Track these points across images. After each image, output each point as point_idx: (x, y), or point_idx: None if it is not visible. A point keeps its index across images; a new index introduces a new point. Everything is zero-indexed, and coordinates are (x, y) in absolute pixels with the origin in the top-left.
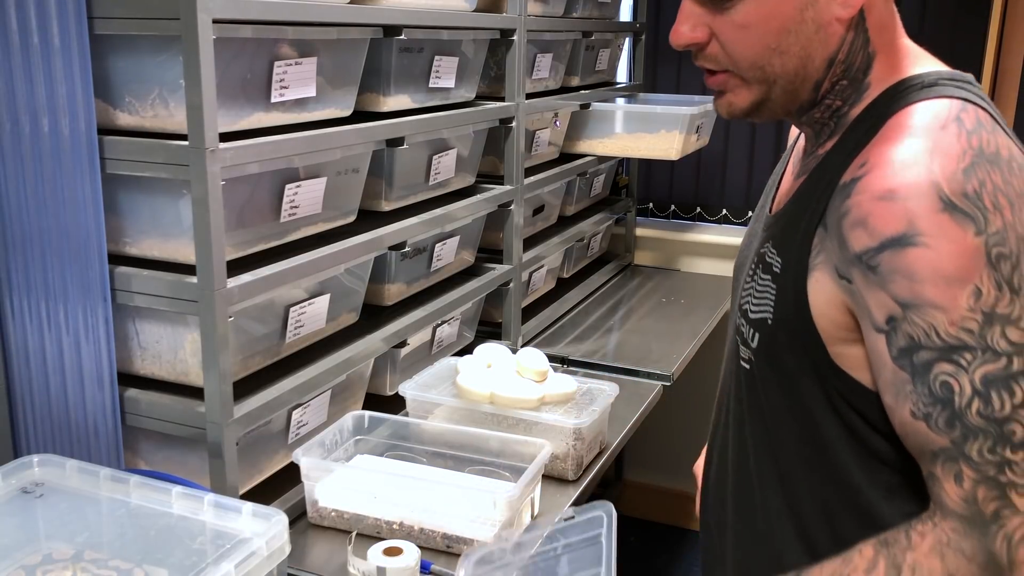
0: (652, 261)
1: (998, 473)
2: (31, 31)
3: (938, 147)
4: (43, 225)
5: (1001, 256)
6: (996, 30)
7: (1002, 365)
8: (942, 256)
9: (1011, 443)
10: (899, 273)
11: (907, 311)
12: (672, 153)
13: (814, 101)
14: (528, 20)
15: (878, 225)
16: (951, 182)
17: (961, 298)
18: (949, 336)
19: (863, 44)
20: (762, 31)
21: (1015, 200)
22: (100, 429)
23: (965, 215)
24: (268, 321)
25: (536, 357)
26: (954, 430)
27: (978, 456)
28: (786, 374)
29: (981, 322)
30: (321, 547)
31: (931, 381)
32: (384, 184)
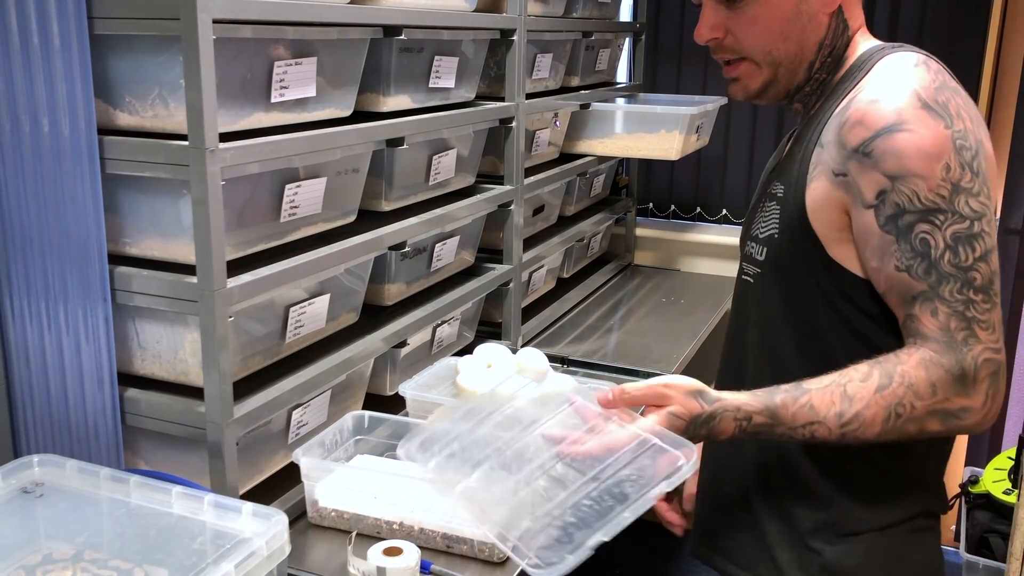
0: (652, 261)
1: (965, 309)
2: (31, 31)
3: (914, 74)
4: (43, 225)
5: (963, 147)
6: (996, 30)
7: (966, 225)
8: (924, 138)
9: (973, 287)
10: (890, 152)
11: (895, 182)
12: (672, 153)
13: (807, 79)
14: (528, 20)
15: (872, 121)
16: (926, 91)
17: (937, 169)
18: (927, 200)
19: (843, 30)
20: (768, 23)
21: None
22: (100, 429)
23: (938, 113)
24: (268, 321)
25: (536, 357)
26: (931, 276)
27: (949, 296)
28: (787, 278)
29: (951, 190)
30: (321, 547)
31: (912, 239)
32: (384, 184)
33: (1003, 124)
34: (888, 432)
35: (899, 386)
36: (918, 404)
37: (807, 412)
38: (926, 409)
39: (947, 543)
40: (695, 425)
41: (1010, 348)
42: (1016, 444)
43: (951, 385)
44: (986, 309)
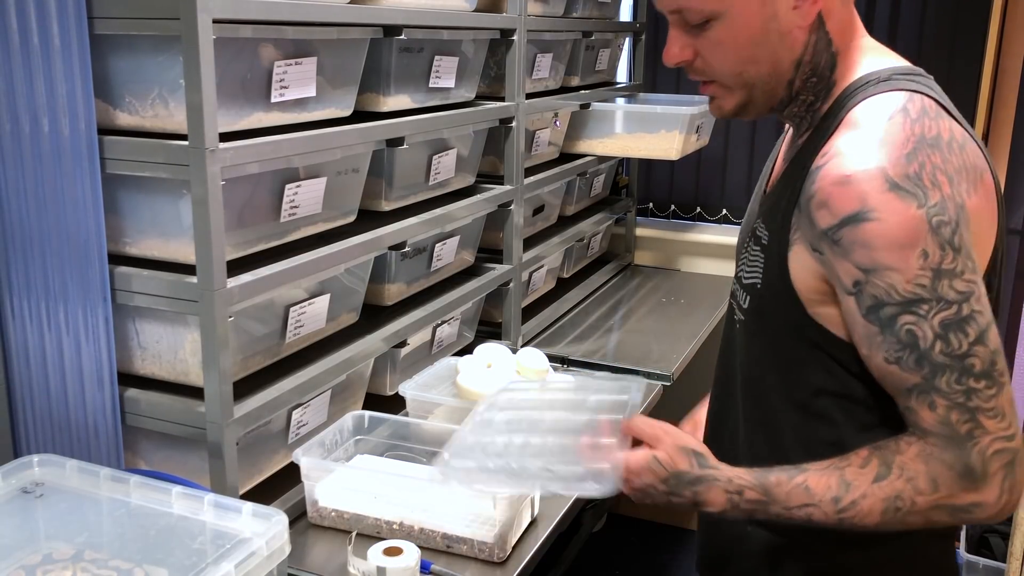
0: (652, 261)
1: (966, 400)
2: (31, 31)
3: (886, 136)
4: (43, 225)
5: (941, 223)
6: (996, 30)
7: (954, 311)
8: (892, 227)
9: (972, 374)
10: (858, 244)
11: (869, 275)
12: (672, 153)
13: (790, 97)
14: (528, 20)
15: (837, 205)
16: (895, 166)
17: (912, 259)
18: (907, 292)
19: (826, 45)
20: (734, 45)
21: (953, 175)
22: (100, 429)
23: (908, 192)
24: (268, 321)
25: (536, 357)
26: (923, 368)
27: (947, 387)
28: (772, 330)
29: (931, 277)
30: (321, 547)
31: (897, 331)
32: (384, 184)
33: (1003, 124)
34: (889, 523)
35: (897, 479)
36: (919, 499)
37: (802, 493)
38: (929, 504)
39: None
40: (678, 482)
41: (1010, 348)
42: None
43: (956, 481)
44: (991, 395)
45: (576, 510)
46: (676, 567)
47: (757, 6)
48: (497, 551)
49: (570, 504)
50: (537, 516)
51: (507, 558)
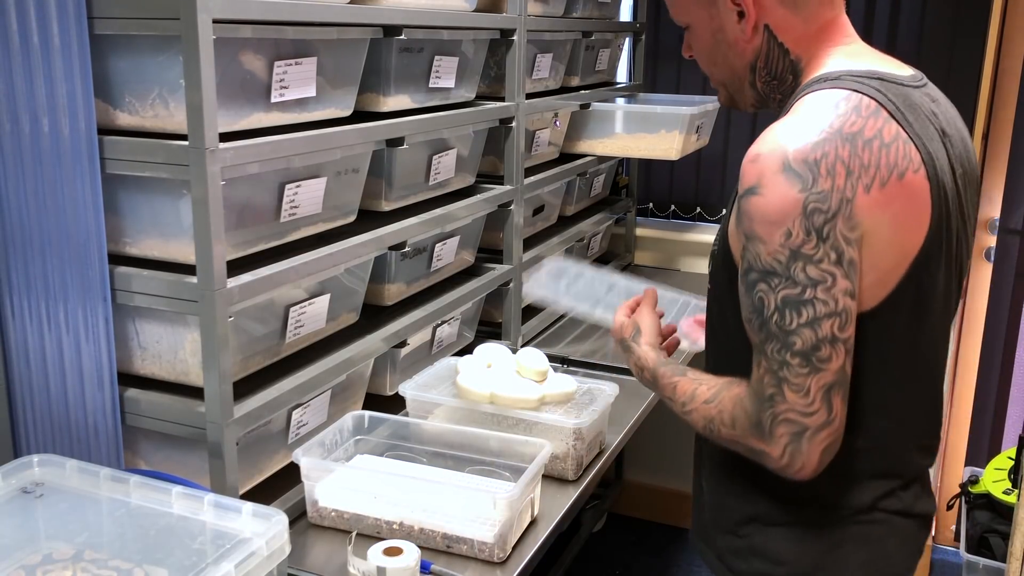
0: (652, 261)
1: (779, 369)
2: (31, 31)
3: (804, 125)
4: (43, 225)
5: (816, 210)
6: (996, 30)
7: (797, 291)
8: (769, 203)
9: (792, 350)
10: (745, 214)
11: (747, 241)
12: (672, 153)
13: (759, 96)
14: (528, 20)
15: (744, 180)
16: (797, 152)
17: (776, 235)
18: (766, 263)
19: (782, 53)
20: (700, 50)
21: (855, 170)
22: (100, 429)
23: (797, 176)
24: (268, 321)
25: (536, 357)
26: (761, 333)
27: (770, 354)
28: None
29: (788, 256)
30: (321, 547)
31: (754, 295)
32: (384, 184)
33: (1003, 124)
34: (707, 433)
35: (715, 407)
36: (722, 429)
37: (670, 389)
38: (729, 436)
39: (947, 543)
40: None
41: (1010, 348)
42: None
43: (748, 428)
44: (801, 374)
45: (576, 510)
46: (676, 567)
47: (707, 20)
48: (497, 551)
49: (570, 504)
50: (537, 516)
51: (507, 558)
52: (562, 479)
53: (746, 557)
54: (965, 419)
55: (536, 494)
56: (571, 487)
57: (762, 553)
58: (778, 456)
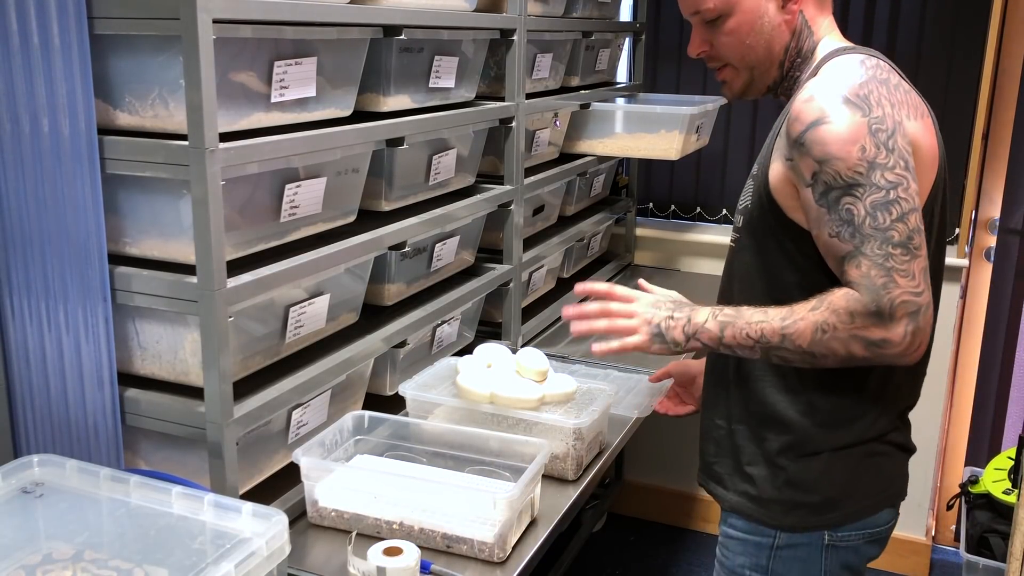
0: (652, 261)
1: (884, 261)
2: (31, 31)
3: (844, 72)
4: (43, 225)
5: (879, 130)
6: (996, 30)
7: (883, 195)
8: (840, 127)
9: (892, 243)
10: (816, 142)
11: (822, 165)
12: (672, 153)
13: (783, 75)
14: (528, 20)
15: (804, 117)
16: (849, 88)
17: (853, 151)
18: (848, 177)
19: (808, 34)
20: (739, 35)
21: (895, 104)
22: (100, 429)
23: (856, 105)
24: (268, 321)
25: (536, 357)
26: (855, 239)
27: (871, 252)
28: (757, 241)
29: (867, 167)
30: (321, 547)
31: (840, 209)
32: (384, 184)
33: (1003, 124)
34: (817, 344)
35: (826, 310)
36: (840, 327)
37: (761, 314)
38: (847, 332)
39: (947, 543)
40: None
41: (1010, 348)
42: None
43: (868, 316)
44: (905, 260)
45: (576, 510)
46: (676, 567)
47: (753, 5)
48: (497, 551)
49: (570, 504)
50: (537, 516)
51: (507, 558)
52: (562, 479)
53: (779, 487)
54: (965, 419)
55: (536, 494)
56: (571, 487)
57: (796, 483)
58: (900, 337)
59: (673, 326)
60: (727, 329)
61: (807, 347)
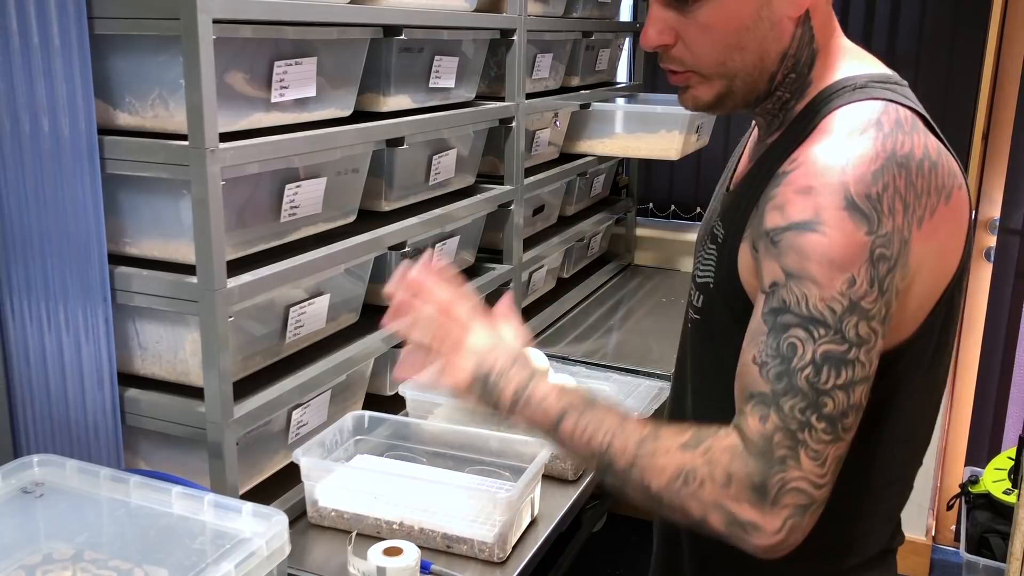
0: (652, 261)
1: (798, 430)
2: (31, 31)
3: (855, 150)
4: (43, 225)
5: (882, 257)
6: (996, 30)
7: (843, 349)
8: (834, 244)
9: (819, 412)
10: (794, 249)
11: (789, 280)
12: (672, 153)
13: (768, 92)
14: (528, 20)
15: (791, 212)
16: (858, 184)
17: (837, 281)
18: (815, 309)
19: (809, 40)
20: (723, 30)
21: (911, 202)
22: (100, 429)
23: (863, 215)
24: (268, 321)
25: (536, 357)
26: (780, 383)
27: (788, 411)
28: (720, 327)
29: (845, 307)
30: (321, 547)
31: (781, 340)
32: (384, 184)
33: (1003, 124)
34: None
35: (700, 455)
36: (708, 486)
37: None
38: (713, 496)
39: (947, 543)
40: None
41: (1010, 348)
42: (1016, 444)
43: (746, 491)
44: (824, 440)
45: (576, 510)
46: None
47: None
48: (497, 551)
49: (570, 504)
50: (537, 516)
51: (507, 558)
52: (562, 479)
53: None
54: (965, 419)
55: (536, 494)
56: (571, 487)
57: None
58: (774, 530)
59: (509, 379)
60: (567, 418)
61: (656, 490)
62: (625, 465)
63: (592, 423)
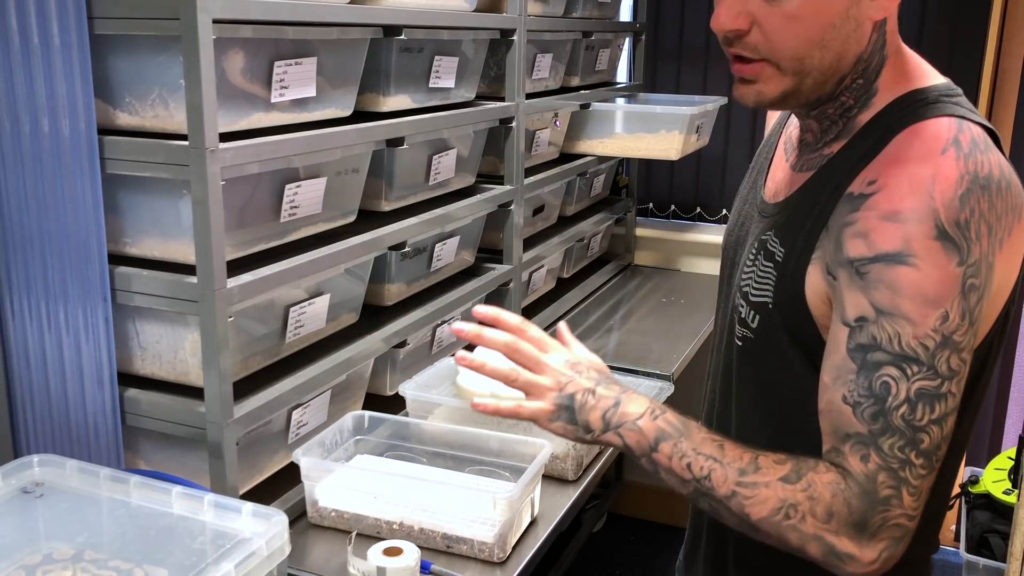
0: (652, 261)
1: (900, 468)
2: (31, 31)
3: (940, 173)
4: (43, 225)
5: (972, 287)
6: (996, 30)
7: (936, 384)
8: (927, 279)
9: (917, 449)
10: (884, 283)
11: (880, 316)
12: (672, 153)
13: (832, 95)
14: (528, 20)
15: (878, 240)
16: (947, 209)
17: (931, 318)
18: (907, 347)
19: (881, 46)
20: (810, 24)
21: (993, 224)
22: (100, 429)
23: (954, 245)
24: (268, 321)
25: None
26: (876, 423)
27: (888, 450)
28: (781, 350)
29: (938, 342)
30: (321, 547)
31: (875, 378)
32: (384, 184)
33: (1003, 124)
34: (770, 524)
35: (802, 491)
36: (808, 520)
37: (715, 448)
38: (814, 531)
39: (947, 543)
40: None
41: (1009, 348)
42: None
43: (847, 527)
44: (921, 475)
45: (576, 510)
46: None
47: None
48: (497, 551)
49: (570, 504)
50: (537, 516)
51: (507, 558)
52: (562, 479)
53: None
54: None
55: (536, 494)
56: (571, 487)
57: None
58: (870, 560)
59: (592, 404)
60: (664, 443)
61: (755, 520)
62: (725, 494)
63: (689, 451)
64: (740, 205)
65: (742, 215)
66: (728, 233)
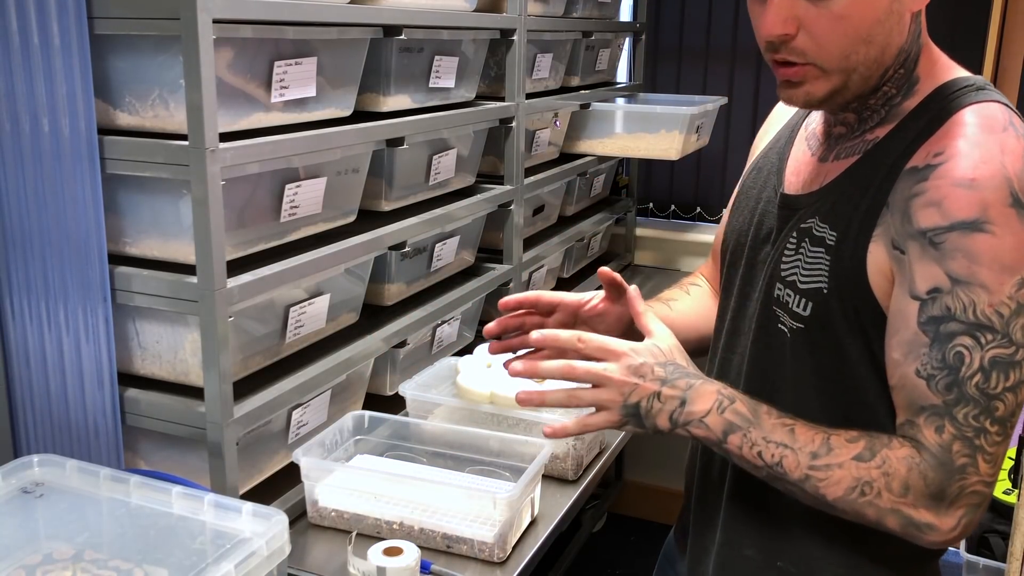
0: (652, 261)
1: (975, 437)
2: (31, 31)
3: (1006, 147)
4: (43, 225)
5: None
6: (996, 30)
7: (1010, 352)
8: (1005, 245)
9: (992, 416)
10: (961, 252)
11: (956, 286)
12: (672, 153)
13: (875, 88)
14: (528, 20)
15: (952, 208)
16: (1020, 179)
17: (1007, 285)
18: (982, 315)
19: (917, 36)
20: (857, 22)
21: None
22: (100, 429)
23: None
24: (268, 321)
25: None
26: (951, 394)
27: (963, 419)
28: (838, 337)
29: (1013, 309)
30: (321, 547)
31: (948, 349)
32: (384, 184)
33: None
34: (846, 502)
35: (876, 468)
36: (884, 495)
37: (786, 433)
38: (891, 504)
39: None
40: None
41: None
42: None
43: (924, 498)
44: (996, 442)
45: (576, 510)
46: None
47: None
48: (497, 551)
49: (570, 504)
50: (537, 516)
51: (507, 558)
52: (562, 479)
53: None
54: None
55: (536, 494)
56: (571, 487)
57: None
58: (948, 529)
59: (659, 410)
60: (732, 435)
61: (831, 500)
62: (799, 478)
63: (759, 440)
64: (751, 205)
65: (756, 214)
66: (736, 233)
